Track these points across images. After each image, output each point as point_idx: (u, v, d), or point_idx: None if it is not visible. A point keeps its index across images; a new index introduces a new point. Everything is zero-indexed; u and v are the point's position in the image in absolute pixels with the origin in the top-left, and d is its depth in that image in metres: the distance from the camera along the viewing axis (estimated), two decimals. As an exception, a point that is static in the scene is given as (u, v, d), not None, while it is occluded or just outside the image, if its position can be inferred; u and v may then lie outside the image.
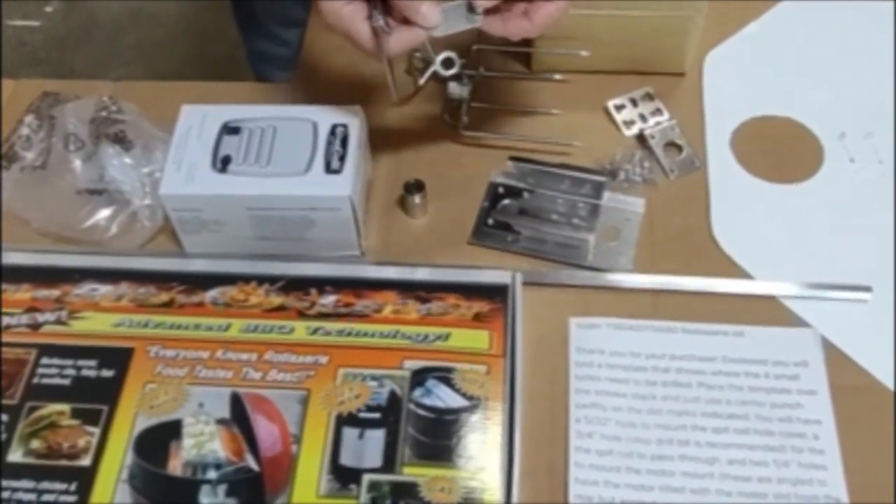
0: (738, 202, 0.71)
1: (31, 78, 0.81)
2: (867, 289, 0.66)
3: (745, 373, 0.62)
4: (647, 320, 0.65)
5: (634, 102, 0.77)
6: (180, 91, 0.80)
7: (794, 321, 0.65)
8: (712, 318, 0.64)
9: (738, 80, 0.78)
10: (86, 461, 0.58)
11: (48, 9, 1.85)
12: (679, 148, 0.74)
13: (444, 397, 0.59)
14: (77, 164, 0.71)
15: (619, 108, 0.76)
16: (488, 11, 0.58)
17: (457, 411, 0.58)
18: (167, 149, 0.65)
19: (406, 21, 0.57)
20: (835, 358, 0.63)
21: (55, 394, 0.60)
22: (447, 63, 0.73)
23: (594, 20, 0.73)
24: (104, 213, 0.70)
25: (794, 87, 0.78)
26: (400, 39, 0.57)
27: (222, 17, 1.69)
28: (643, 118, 0.76)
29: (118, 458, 0.57)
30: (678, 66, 0.78)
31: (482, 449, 0.57)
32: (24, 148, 0.74)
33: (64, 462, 0.58)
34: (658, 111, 0.76)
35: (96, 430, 0.59)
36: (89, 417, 0.59)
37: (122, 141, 0.72)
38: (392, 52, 0.58)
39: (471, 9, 0.58)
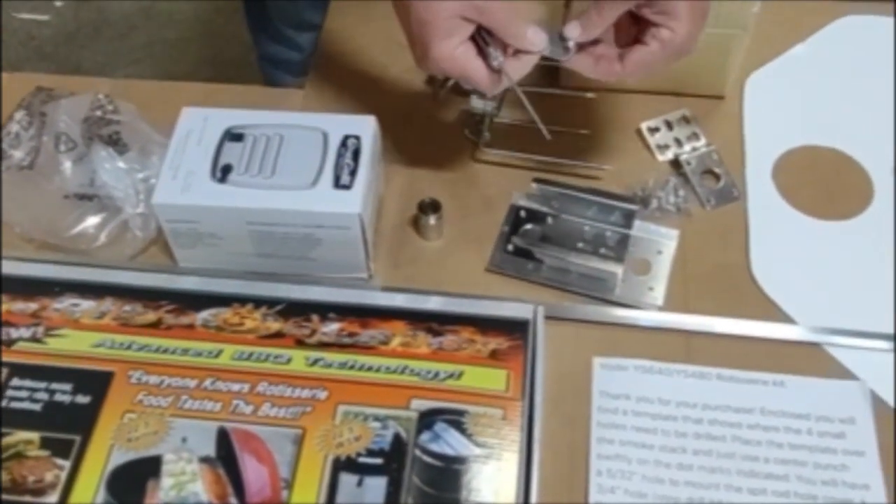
0: (779, 238, 0.68)
1: (36, 73, 0.79)
2: (922, 340, 0.62)
3: (786, 428, 0.59)
4: (679, 364, 0.62)
5: (670, 125, 0.73)
6: (184, 92, 0.78)
7: (841, 372, 0.61)
8: (750, 365, 0.61)
9: (781, 106, 0.75)
10: (52, 498, 0.54)
11: (58, 3, 1.84)
12: (717, 176, 0.71)
13: (453, 444, 0.55)
14: (67, 165, 0.68)
15: (653, 130, 0.73)
16: (580, 47, 0.58)
17: (467, 460, 0.55)
18: (165, 154, 0.63)
19: (510, 48, 0.57)
20: (884, 415, 0.59)
21: (24, 420, 0.57)
22: (470, 74, 0.70)
23: (630, 35, 0.69)
24: (93, 221, 0.67)
25: (842, 116, 0.75)
26: (515, 69, 0.58)
27: (237, 19, 1.68)
28: (678, 143, 0.73)
29: (88, 496, 0.54)
30: (718, 88, 0.75)
31: (494, 504, 0.54)
32: (11, 146, 0.71)
33: (28, 498, 0.54)
34: (695, 136, 0.73)
35: (66, 464, 0.55)
36: (60, 448, 0.56)
37: (116, 143, 0.69)
38: (513, 81, 0.58)
39: (562, 39, 0.57)
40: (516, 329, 0.61)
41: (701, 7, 0.55)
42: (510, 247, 0.67)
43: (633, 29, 0.57)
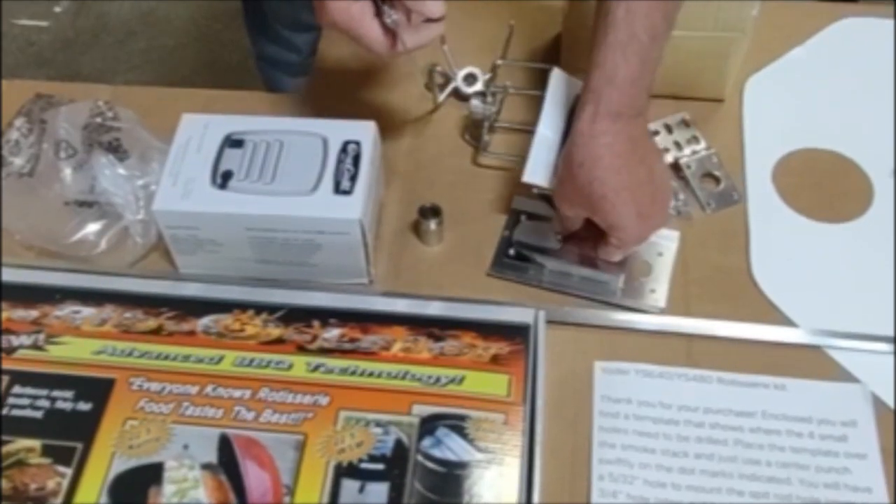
0: (780, 241, 0.68)
1: (35, 80, 0.77)
2: (923, 342, 0.62)
3: (787, 431, 0.59)
4: (680, 368, 0.61)
5: (669, 129, 0.73)
6: (184, 98, 0.78)
7: (842, 375, 0.61)
8: (751, 368, 0.61)
9: (780, 109, 0.75)
10: (54, 506, 0.54)
11: (57, 9, 1.84)
12: (717, 179, 0.71)
13: (455, 449, 0.55)
14: (67, 172, 0.68)
15: (653, 134, 0.73)
16: (564, 239, 0.66)
17: (469, 465, 0.55)
18: (165, 160, 0.63)
19: (413, 17, 0.58)
20: (886, 418, 0.59)
21: (25, 428, 0.57)
22: (470, 79, 0.71)
23: (629, 39, 0.69)
24: (93, 228, 0.67)
25: (842, 119, 0.74)
26: (413, 39, 0.58)
27: (235, 24, 1.68)
28: (678, 146, 0.72)
29: (91, 504, 0.54)
30: (717, 91, 0.75)
31: (496, 509, 0.53)
32: (11, 153, 0.70)
33: (30, 506, 0.54)
34: (694, 139, 0.73)
35: (68, 471, 0.55)
36: (61, 456, 0.55)
37: (116, 150, 0.69)
38: (408, 48, 0.58)
39: (555, 233, 0.66)
40: (517, 333, 0.60)
41: (648, 205, 0.60)
42: (511, 251, 0.66)
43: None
